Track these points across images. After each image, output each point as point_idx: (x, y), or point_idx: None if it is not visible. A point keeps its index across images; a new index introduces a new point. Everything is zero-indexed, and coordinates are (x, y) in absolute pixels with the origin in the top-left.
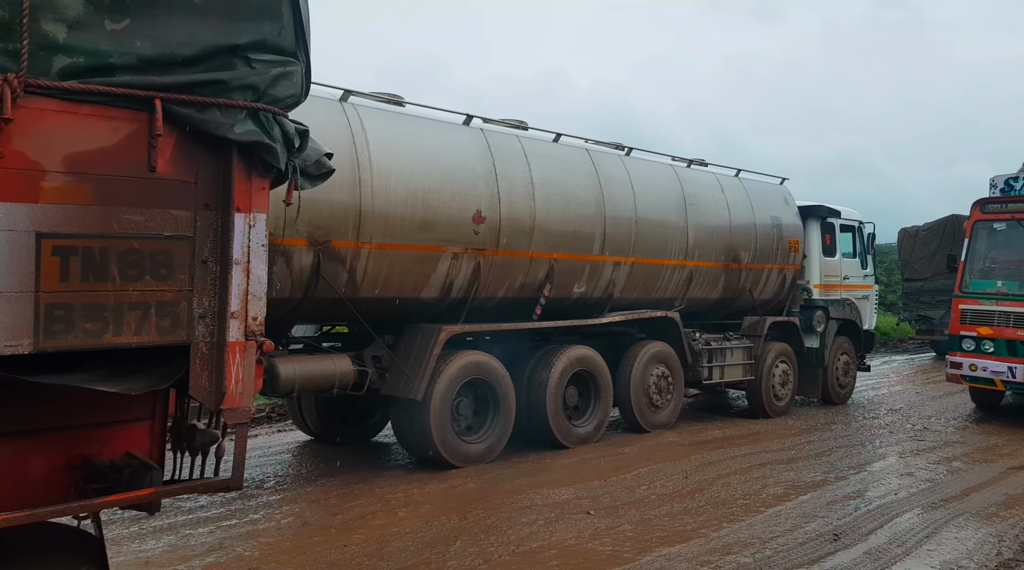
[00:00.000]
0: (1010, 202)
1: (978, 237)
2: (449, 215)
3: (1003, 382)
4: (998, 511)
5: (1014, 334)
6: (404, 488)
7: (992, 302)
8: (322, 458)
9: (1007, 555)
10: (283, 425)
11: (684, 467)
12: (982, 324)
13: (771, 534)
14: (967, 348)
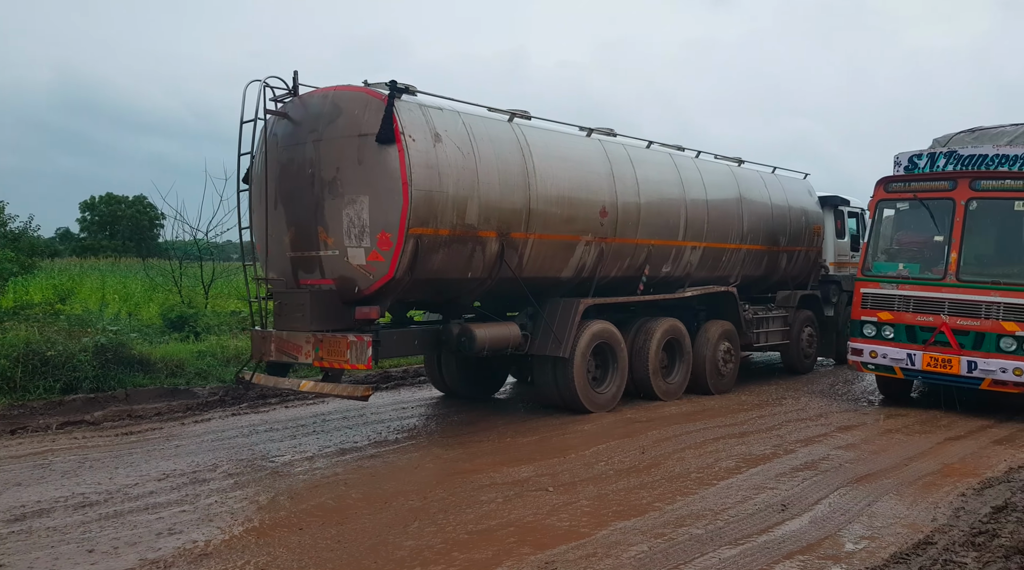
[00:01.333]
0: (913, 181)
1: (881, 217)
2: (584, 210)
3: (902, 369)
4: (935, 480)
5: (913, 320)
6: (368, 473)
7: (893, 286)
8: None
9: (941, 521)
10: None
11: (641, 443)
12: (883, 309)
13: (723, 506)
14: (868, 334)
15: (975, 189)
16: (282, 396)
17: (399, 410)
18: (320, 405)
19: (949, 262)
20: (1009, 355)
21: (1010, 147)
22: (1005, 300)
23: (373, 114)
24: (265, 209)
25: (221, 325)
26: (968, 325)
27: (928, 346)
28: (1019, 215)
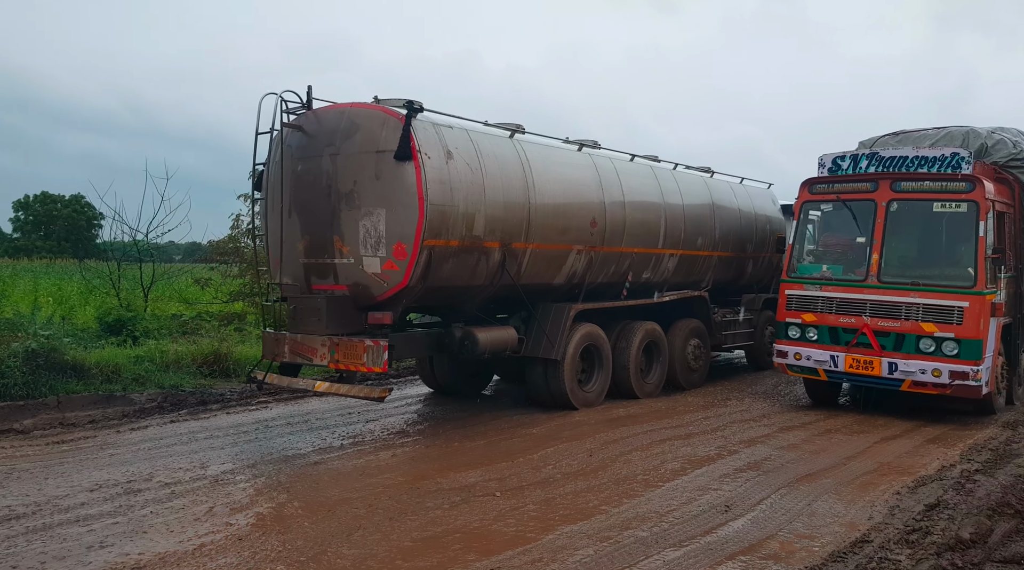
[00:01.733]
0: (836, 182)
1: (806, 219)
2: (576, 222)
3: (826, 371)
4: (872, 479)
5: (836, 321)
6: (312, 481)
7: (816, 288)
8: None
9: (877, 519)
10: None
11: (589, 445)
12: (807, 311)
13: (668, 507)
14: (793, 336)
15: (896, 190)
16: (223, 402)
17: (345, 416)
18: (263, 411)
19: (871, 263)
20: (928, 356)
21: (929, 149)
22: (924, 301)
23: (391, 132)
24: (280, 217)
25: (161, 329)
26: (889, 326)
27: (850, 348)
28: (938, 216)
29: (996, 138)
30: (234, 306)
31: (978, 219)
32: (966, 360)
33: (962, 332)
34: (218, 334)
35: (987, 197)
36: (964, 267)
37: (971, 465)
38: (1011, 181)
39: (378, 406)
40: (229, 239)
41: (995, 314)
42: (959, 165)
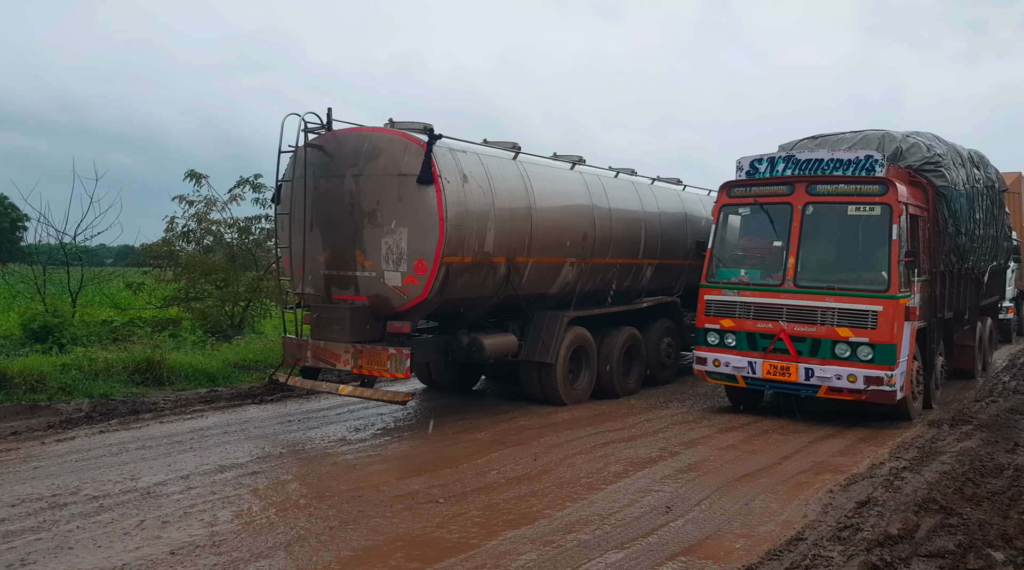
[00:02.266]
0: (754, 185)
1: (724, 223)
2: (570, 236)
3: (744, 378)
4: (806, 478)
5: (754, 327)
6: (249, 491)
7: (734, 292)
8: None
9: (811, 517)
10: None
11: (534, 449)
12: (725, 316)
13: (610, 510)
14: (712, 342)
15: (811, 193)
16: (156, 411)
17: (284, 423)
18: (199, 420)
19: (787, 268)
20: (844, 361)
21: (843, 152)
22: (839, 305)
23: (412, 157)
24: (303, 231)
25: (90, 336)
26: (805, 332)
27: (768, 354)
28: (853, 219)
29: (911, 142)
30: (169, 311)
31: (891, 222)
32: (881, 365)
33: (876, 336)
34: (151, 341)
35: (900, 200)
36: (878, 271)
37: (899, 463)
38: (925, 185)
39: (317, 414)
40: (163, 242)
41: (909, 318)
42: (873, 168)
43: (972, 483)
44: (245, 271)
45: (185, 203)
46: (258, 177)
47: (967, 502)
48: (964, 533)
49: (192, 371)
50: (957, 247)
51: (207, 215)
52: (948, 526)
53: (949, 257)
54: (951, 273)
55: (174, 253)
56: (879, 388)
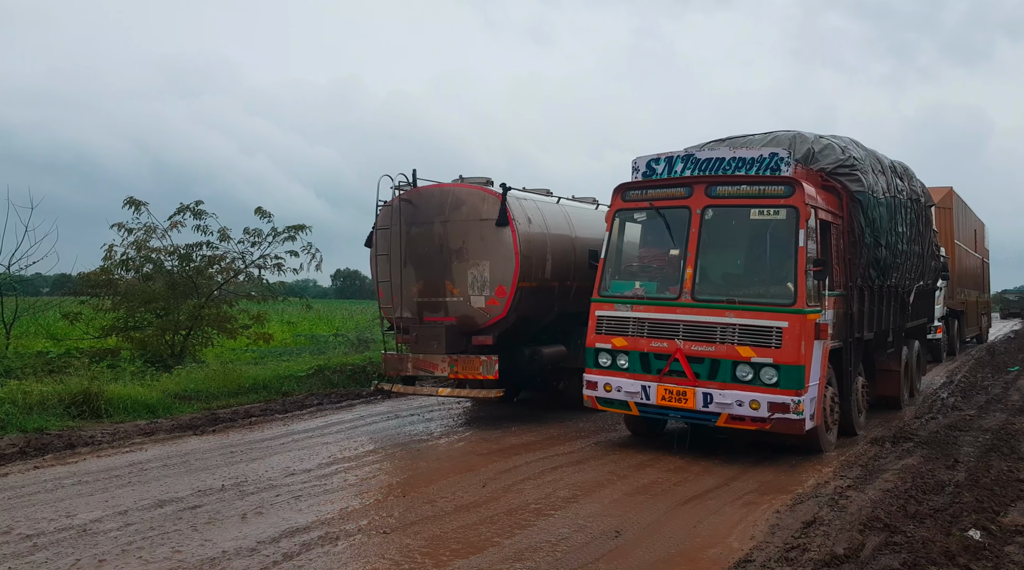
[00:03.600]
0: (650, 188)
1: (619, 230)
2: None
3: (638, 405)
4: (753, 498)
5: (648, 346)
6: (189, 527)
7: (627, 307)
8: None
9: (759, 538)
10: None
11: (482, 476)
12: (617, 334)
13: (560, 536)
14: (603, 364)
15: (711, 196)
16: (94, 445)
17: (227, 455)
18: (138, 453)
19: (684, 279)
20: (745, 385)
21: (747, 150)
22: (740, 321)
23: (491, 206)
24: (400, 267)
25: (24, 368)
26: (703, 351)
27: (663, 376)
28: (756, 225)
29: (824, 143)
30: (107, 341)
31: (797, 227)
32: (786, 389)
33: (781, 357)
34: (88, 372)
35: (808, 202)
36: (783, 282)
37: (843, 481)
38: (839, 190)
39: (260, 444)
40: (101, 271)
41: (820, 336)
42: (778, 167)
43: (915, 500)
44: (186, 299)
45: (124, 230)
46: (199, 203)
47: (910, 520)
48: (908, 551)
49: (131, 403)
50: (877, 260)
51: (147, 243)
52: (892, 544)
53: (868, 271)
54: (871, 289)
55: (113, 281)
56: (785, 416)
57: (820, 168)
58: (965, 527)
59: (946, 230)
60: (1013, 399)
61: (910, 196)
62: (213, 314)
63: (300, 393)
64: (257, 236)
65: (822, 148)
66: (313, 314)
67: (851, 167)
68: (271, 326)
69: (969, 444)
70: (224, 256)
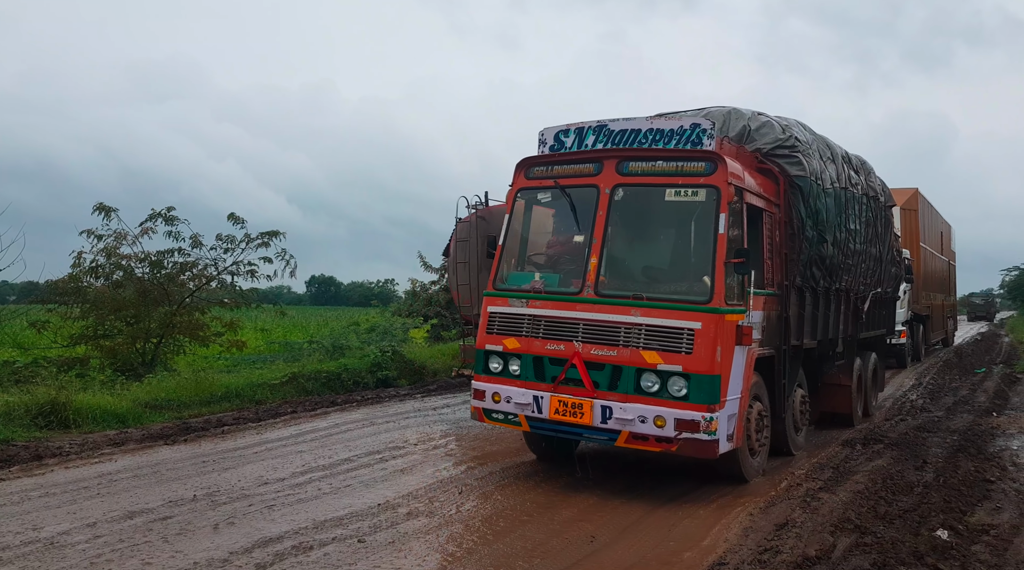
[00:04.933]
0: (557, 163)
1: (521, 212)
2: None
3: (528, 419)
4: (728, 501)
5: (543, 348)
6: (159, 538)
7: (522, 303)
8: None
9: (733, 541)
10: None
11: (459, 483)
12: (510, 334)
13: (536, 541)
14: (494, 369)
15: (622, 173)
16: (62, 456)
17: (198, 465)
18: (107, 464)
19: (588, 270)
20: (651, 398)
21: (666, 121)
22: (647, 321)
23: None
24: (477, 273)
25: None
26: (604, 356)
27: (558, 385)
28: (672, 207)
29: (763, 121)
30: (76, 350)
31: (718, 210)
32: (697, 403)
33: (692, 364)
34: (56, 381)
35: (730, 182)
36: (699, 275)
37: (815, 483)
38: (777, 174)
39: (233, 454)
40: (70, 278)
41: (742, 342)
42: (699, 140)
43: (884, 501)
44: (157, 306)
45: (94, 237)
46: (171, 209)
47: (880, 520)
48: (878, 552)
49: (100, 412)
50: (822, 258)
51: (117, 249)
52: (863, 545)
53: (810, 270)
54: (813, 291)
55: (82, 289)
56: (694, 436)
57: (756, 148)
58: (933, 527)
59: (912, 232)
60: (980, 400)
61: (866, 192)
62: (185, 322)
63: (274, 401)
64: (230, 242)
65: (759, 126)
66: (287, 321)
67: (791, 148)
68: (244, 333)
69: (937, 445)
70: (196, 263)
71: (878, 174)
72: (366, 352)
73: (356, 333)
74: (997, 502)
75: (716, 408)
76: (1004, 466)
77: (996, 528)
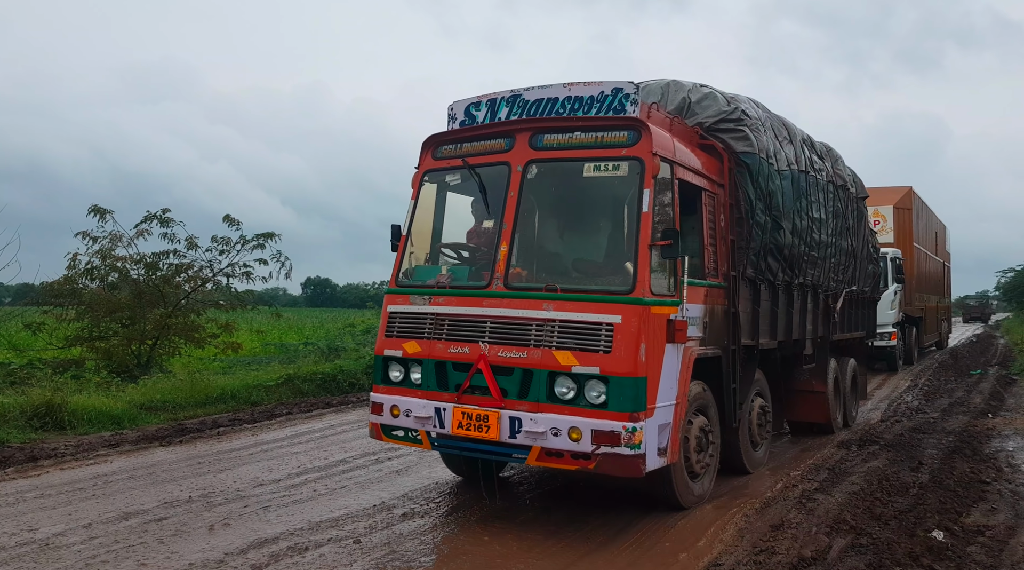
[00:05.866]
0: (466, 139)
1: (430, 197)
2: None
3: (430, 436)
4: (724, 501)
5: (445, 352)
6: (155, 539)
7: (425, 300)
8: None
9: (728, 542)
10: None
11: (454, 483)
12: (410, 337)
13: (534, 541)
14: (394, 379)
15: (536, 147)
16: (57, 457)
17: (194, 466)
18: (102, 465)
19: (498, 260)
20: (565, 407)
21: (585, 86)
22: (560, 316)
23: None
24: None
25: None
26: (513, 358)
27: (462, 395)
28: (591, 185)
29: (704, 92)
30: (71, 352)
31: (641, 185)
32: (617, 412)
33: (611, 365)
34: (52, 383)
35: (656, 152)
36: (620, 261)
37: (811, 484)
38: (721, 150)
39: (229, 455)
40: (65, 280)
41: (675, 339)
42: (622, 106)
43: (880, 502)
44: (153, 308)
45: (89, 239)
46: (166, 211)
47: (876, 521)
48: (874, 553)
49: (96, 414)
50: (779, 247)
51: (112, 251)
52: (859, 546)
53: (765, 260)
54: (771, 284)
55: (77, 291)
56: (613, 451)
57: (698, 122)
58: (929, 528)
59: (905, 232)
60: (975, 402)
61: (832, 179)
62: (180, 323)
63: (269, 403)
64: (225, 244)
65: (701, 98)
66: (283, 323)
67: (737, 122)
68: (240, 335)
69: (933, 446)
70: (191, 264)
71: (850, 165)
72: (361, 354)
73: (352, 335)
74: (992, 503)
75: (641, 416)
76: (1000, 467)
77: (992, 529)
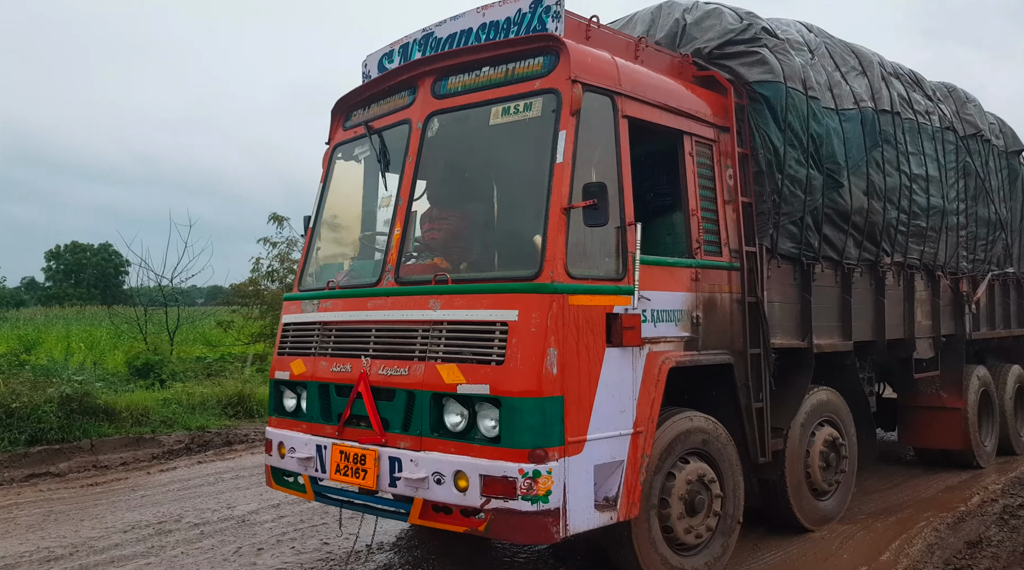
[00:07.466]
0: (372, 99)
1: (343, 177)
2: None
3: (312, 480)
4: (908, 515)
5: (327, 371)
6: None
7: (314, 305)
8: None
9: (915, 557)
10: None
11: None
12: (298, 354)
13: None
14: (287, 408)
15: (439, 95)
16: (248, 443)
17: None
18: None
19: (390, 248)
20: (453, 442)
21: (500, 6)
22: (448, 315)
23: None
24: None
25: (187, 372)
26: (395, 377)
27: (343, 427)
28: (501, 135)
29: (705, 10)
30: (256, 347)
31: (556, 127)
32: (513, 448)
33: (503, 380)
34: (240, 375)
35: (577, 78)
36: (529, 235)
37: (1014, 499)
38: (725, 82)
39: None
40: (249, 282)
41: (624, 341)
42: (542, 24)
43: None
44: None
45: (269, 244)
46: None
47: None
48: None
49: None
50: (841, 213)
51: (289, 255)
52: None
53: (817, 231)
54: (835, 263)
55: (259, 292)
56: (506, 505)
57: (696, 49)
58: None
59: None
60: None
61: (951, 126)
62: None
63: None
64: None
65: (700, 17)
66: None
67: (750, 42)
68: None
69: None
70: None
71: (993, 112)
72: None
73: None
74: None
75: (552, 454)
76: None
77: None
